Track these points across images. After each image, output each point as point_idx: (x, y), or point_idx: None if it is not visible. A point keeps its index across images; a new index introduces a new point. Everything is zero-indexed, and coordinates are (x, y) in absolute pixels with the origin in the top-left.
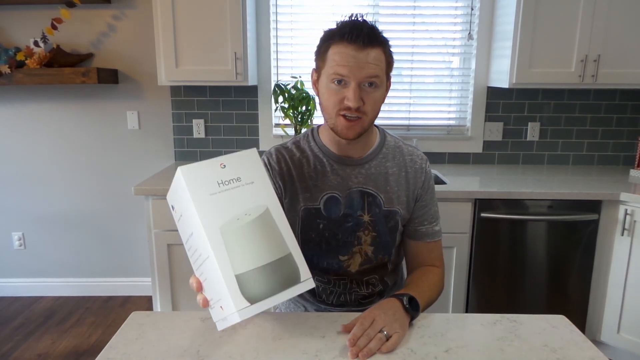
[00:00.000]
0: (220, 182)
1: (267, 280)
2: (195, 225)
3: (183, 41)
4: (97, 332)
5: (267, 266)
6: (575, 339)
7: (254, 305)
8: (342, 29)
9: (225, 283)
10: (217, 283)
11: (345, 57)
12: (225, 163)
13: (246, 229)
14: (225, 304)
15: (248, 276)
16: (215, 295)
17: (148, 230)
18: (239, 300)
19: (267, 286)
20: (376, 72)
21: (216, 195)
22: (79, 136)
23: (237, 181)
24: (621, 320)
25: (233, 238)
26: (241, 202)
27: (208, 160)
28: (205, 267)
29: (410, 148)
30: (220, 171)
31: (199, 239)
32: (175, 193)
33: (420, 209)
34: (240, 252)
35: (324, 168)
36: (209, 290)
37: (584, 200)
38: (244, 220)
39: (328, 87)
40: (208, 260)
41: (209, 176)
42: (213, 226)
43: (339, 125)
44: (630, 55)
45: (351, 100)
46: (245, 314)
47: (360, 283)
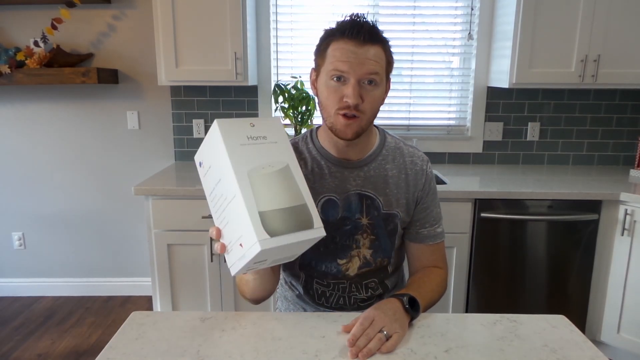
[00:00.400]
0: (250, 137)
1: (285, 220)
2: (224, 171)
3: (183, 41)
4: (97, 332)
5: (286, 209)
6: (575, 339)
7: (273, 238)
8: (343, 26)
9: (249, 217)
10: (240, 220)
11: (346, 52)
12: (255, 123)
13: (270, 177)
14: (246, 239)
15: (270, 214)
16: (235, 235)
17: (148, 230)
18: (260, 231)
19: (286, 225)
20: (376, 69)
21: (246, 146)
22: (79, 136)
23: (264, 139)
24: (621, 320)
25: (258, 182)
26: (266, 155)
27: (240, 118)
28: (229, 209)
29: (410, 149)
30: (250, 128)
31: (227, 182)
32: (206, 146)
33: (422, 212)
34: (264, 194)
35: (322, 170)
36: (228, 235)
37: (584, 200)
38: (268, 170)
39: (327, 85)
40: (234, 200)
41: (240, 130)
42: (242, 169)
43: (337, 124)
44: (630, 55)
45: (350, 97)
46: (265, 244)
47: (360, 287)
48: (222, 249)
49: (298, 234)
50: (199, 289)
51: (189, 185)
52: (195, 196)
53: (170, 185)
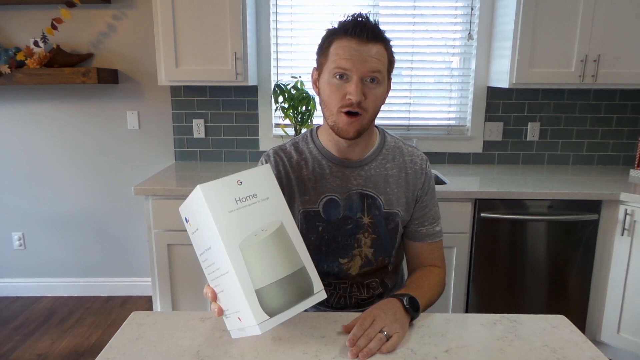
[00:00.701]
0: (238, 199)
1: (284, 293)
2: (214, 241)
3: (183, 41)
4: (97, 332)
5: (284, 279)
6: (575, 339)
7: (273, 318)
8: (346, 25)
9: (245, 298)
10: (235, 297)
11: (348, 50)
12: (242, 180)
13: (264, 245)
14: (244, 316)
15: (267, 290)
16: (232, 307)
17: (148, 230)
18: (259, 314)
19: (285, 299)
20: (378, 67)
21: (234, 213)
22: (79, 136)
23: (254, 198)
24: (621, 320)
25: (252, 253)
26: (258, 218)
27: (226, 177)
28: (222, 280)
29: (410, 148)
30: (237, 188)
31: (218, 254)
32: (191, 208)
33: (421, 210)
34: (259, 267)
35: (323, 170)
36: (225, 302)
37: (584, 200)
38: (261, 235)
39: (330, 83)
40: (227, 275)
41: (227, 194)
42: (233, 243)
43: (339, 123)
44: (630, 55)
45: (353, 94)
46: (265, 326)
47: (361, 286)
48: (220, 313)
49: (298, 305)
50: (199, 289)
51: (189, 185)
52: None
53: (170, 185)
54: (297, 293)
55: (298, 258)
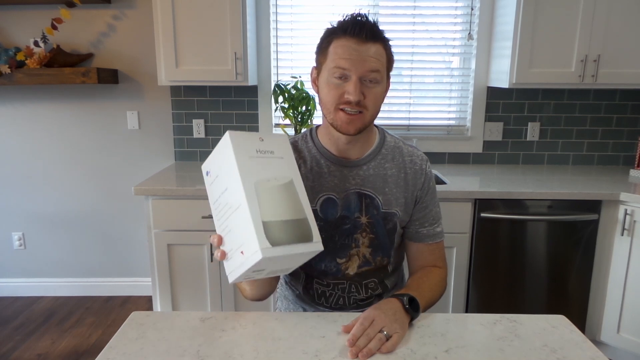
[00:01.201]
0: (258, 150)
1: (287, 231)
2: (232, 181)
3: (183, 41)
4: (97, 332)
5: (288, 221)
6: (575, 339)
7: (275, 248)
8: (345, 24)
9: (253, 225)
10: (243, 228)
11: (347, 50)
12: (264, 138)
13: (275, 189)
14: (247, 246)
15: (273, 224)
16: (236, 243)
17: (148, 230)
18: (263, 240)
19: (287, 236)
20: (377, 67)
21: (254, 159)
22: (79, 136)
23: (271, 154)
24: (621, 320)
25: (264, 193)
26: (272, 169)
27: (251, 132)
28: (232, 218)
29: (410, 148)
30: (259, 142)
31: (234, 192)
32: (215, 156)
33: (421, 211)
34: (268, 205)
35: (321, 169)
36: (230, 242)
37: (584, 200)
38: (273, 182)
39: (328, 82)
40: (239, 209)
41: (250, 143)
42: (249, 180)
43: (338, 120)
44: (630, 55)
45: (352, 94)
46: (267, 252)
47: (359, 286)
48: (223, 256)
49: (298, 245)
50: (199, 289)
51: (189, 185)
52: (195, 196)
53: (170, 185)
54: (298, 236)
55: (302, 210)
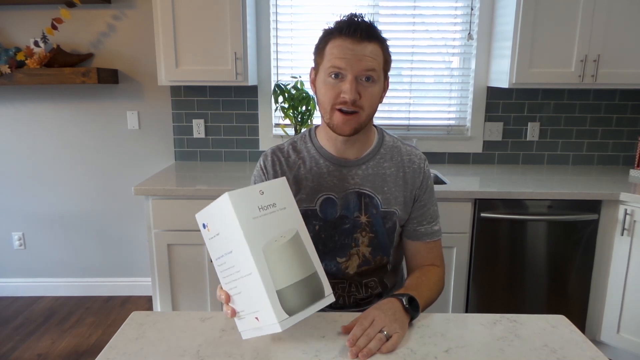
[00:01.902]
0: (260, 207)
1: (300, 295)
2: (237, 245)
3: (183, 41)
4: (97, 332)
5: (300, 282)
6: (575, 339)
7: (292, 317)
8: (341, 25)
9: (268, 297)
10: (256, 297)
11: (343, 50)
12: (263, 190)
13: (283, 249)
14: (264, 315)
15: (286, 292)
16: (249, 307)
17: (148, 230)
18: (280, 312)
19: (301, 300)
20: (373, 66)
21: (258, 219)
22: (79, 136)
23: (273, 207)
24: (621, 320)
25: (273, 257)
26: (277, 225)
27: (249, 187)
28: (242, 282)
29: (408, 148)
30: (259, 197)
31: (241, 257)
32: (213, 214)
33: (419, 209)
34: (279, 270)
35: (320, 169)
36: (241, 303)
37: (583, 200)
38: (281, 241)
39: (325, 82)
40: (250, 277)
41: (251, 202)
42: (257, 246)
43: (335, 120)
44: (630, 55)
45: (347, 93)
46: (285, 324)
47: (359, 286)
48: (233, 314)
49: (313, 306)
50: (199, 289)
51: (189, 185)
52: (195, 196)
53: (170, 185)
54: (311, 295)
55: (311, 263)
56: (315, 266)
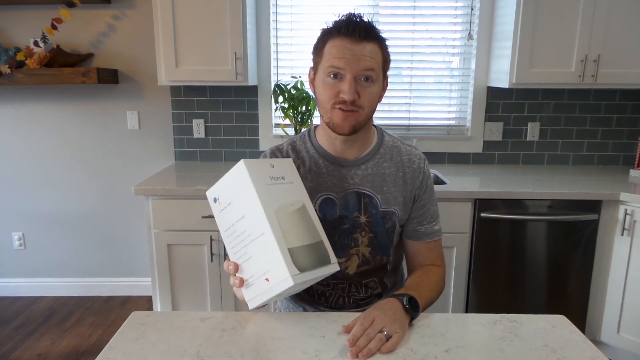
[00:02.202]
0: (272, 177)
1: (310, 256)
2: (251, 209)
3: (183, 41)
4: (97, 332)
5: (309, 246)
6: (575, 339)
7: (303, 274)
8: (339, 24)
9: (280, 253)
10: (268, 256)
11: (342, 49)
12: (274, 164)
13: (293, 215)
14: (274, 274)
15: (297, 251)
16: (259, 270)
17: (148, 230)
18: (292, 267)
19: (310, 261)
20: (372, 65)
21: (270, 186)
22: (78, 136)
23: (282, 179)
24: (621, 320)
25: (284, 220)
26: (286, 195)
27: (260, 159)
28: (253, 246)
29: (408, 148)
30: (270, 169)
31: (254, 220)
32: (226, 183)
33: (419, 209)
34: (290, 232)
35: (320, 169)
36: (249, 270)
37: (584, 200)
38: (290, 208)
39: (324, 82)
40: (262, 237)
41: (264, 171)
42: (270, 208)
43: (334, 118)
44: (630, 55)
45: (346, 93)
46: (297, 279)
47: (359, 286)
48: (241, 284)
49: (320, 269)
50: (199, 289)
51: (189, 185)
52: (195, 196)
53: (170, 185)
54: (319, 259)
55: (317, 233)
56: (321, 236)
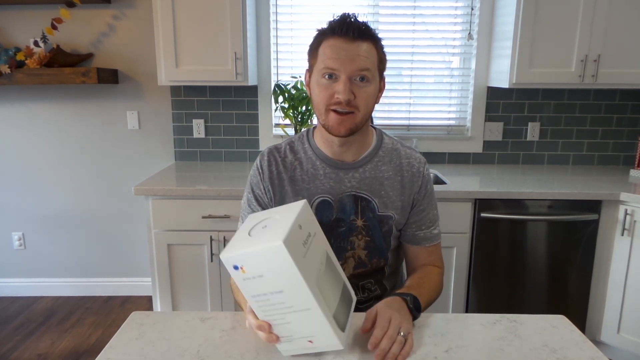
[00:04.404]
0: (304, 243)
1: (344, 309)
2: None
3: (183, 41)
4: (97, 332)
5: (341, 298)
6: (575, 339)
7: (345, 331)
8: (333, 25)
9: (330, 326)
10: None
11: (336, 50)
12: (300, 224)
13: (327, 276)
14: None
15: (337, 313)
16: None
17: (148, 230)
18: (339, 333)
19: (346, 312)
20: (367, 65)
21: (306, 256)
22: (79, 136)
23: (309, 237)
24: (621, 320)
25: (323, 287)
26: (316, 254)
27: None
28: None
29: (408, 151)
30: (300, 233)
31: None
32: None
33: (418, 214)
34: (328, 295)
35: (317, 171)
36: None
37: (584, 200)
38: (322, 269)
39: (319, 83)
40: (307, 311)
41: (298, 242)
42: (312, 283)
43: (330, 121)
44: (630, 55)
45: (341, 93)
46: (345, 341)
47: (356, 288)
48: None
49: (352, 312)
50: (199, 289)
51: (189, 185)
52: (195, 196)
53: (170, 185)
54: (349, 303)
55: (340, 275)
56: (342, 276)
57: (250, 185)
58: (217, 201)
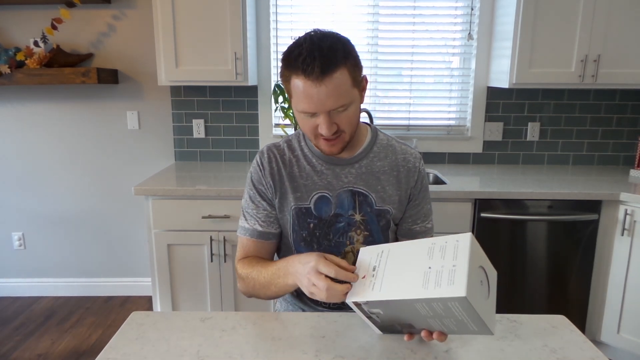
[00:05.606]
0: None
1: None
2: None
3: (183, 41)
4: (97, 332)
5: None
6: (575, 339)
7: None
8: (296, 61)
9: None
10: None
11: (307, 93)
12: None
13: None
14: None
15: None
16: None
17: (148, 230)
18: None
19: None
20: (341, 100)
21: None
22: (79, 136)
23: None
24: (621, 321)
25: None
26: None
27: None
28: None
29: (403, 146)
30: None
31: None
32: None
33: (413, 208)
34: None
35: (314, 168)
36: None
37: (584, 200)
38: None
39: (299, 116)
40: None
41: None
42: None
43: (320, 145)
44: (630, 55)
45: (324, 130)
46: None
47: None
48: None
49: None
50: (199, 289)
51: (189, 185)
52: (195, 196)
53: (170, 185)
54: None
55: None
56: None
57: (251, 182)
58: (217, 201)
